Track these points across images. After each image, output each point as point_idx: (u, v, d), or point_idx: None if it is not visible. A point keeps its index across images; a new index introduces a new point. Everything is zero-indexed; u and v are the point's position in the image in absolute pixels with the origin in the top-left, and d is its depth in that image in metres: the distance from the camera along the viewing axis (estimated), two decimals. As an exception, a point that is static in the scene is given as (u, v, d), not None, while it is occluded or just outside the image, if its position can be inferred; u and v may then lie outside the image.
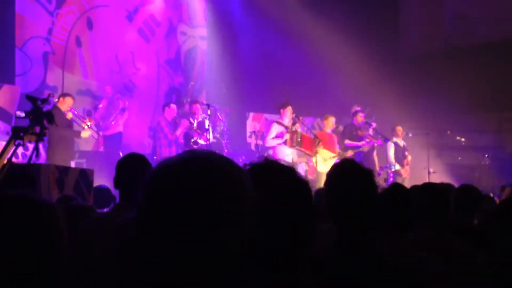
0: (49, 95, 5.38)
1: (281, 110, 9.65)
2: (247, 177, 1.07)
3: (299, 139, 9.40)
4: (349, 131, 10.88)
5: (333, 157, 10.11)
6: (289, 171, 1.55)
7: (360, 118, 10.87)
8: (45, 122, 4.96)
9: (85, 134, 8.89)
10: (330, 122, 10.59)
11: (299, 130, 9.62)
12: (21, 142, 4.80)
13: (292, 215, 1.45)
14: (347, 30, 12.17)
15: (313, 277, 1.60)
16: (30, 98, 5.10)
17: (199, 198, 0.98)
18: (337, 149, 10.49)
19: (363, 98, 11.93)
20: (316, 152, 9.74)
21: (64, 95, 8.82)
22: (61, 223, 1.36)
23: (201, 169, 1.02)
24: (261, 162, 1.54)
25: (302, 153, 9.98)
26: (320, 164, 9.83)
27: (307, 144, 9.57)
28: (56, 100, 8.58)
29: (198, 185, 0.99)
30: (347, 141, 10.73)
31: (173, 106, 9.95)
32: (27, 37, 10.17)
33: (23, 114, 5.07)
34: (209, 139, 9.95)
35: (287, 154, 9.48)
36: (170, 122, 9.80)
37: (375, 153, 11.05)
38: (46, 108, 5.22)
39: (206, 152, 1.07)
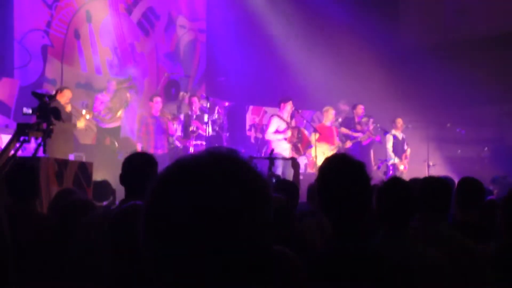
0: (56, 92, 5.39)
1: (282, 104, 9.57)
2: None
3: (300, 136, 9.45)
4: (347, 124, 10.87)
5: (332, 149, 10.10)
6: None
7: (359, 110, 10.85)
8: (52, 118, 4.98)
9: (81, 124, 8.85)
10: (330, 115, 10.53)
11: (301, 128, 9.70)
12: (26, 138, 4.81)
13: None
14: (348, 23, 12.14)
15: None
16: (37, 94, 5.12)
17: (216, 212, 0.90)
18: (337, 142, 10.48)
19: (363, 91, 11.91)
20: (305, 153, 9.83)
21: (62, 88, 8.79)
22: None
23: (220, 177, 0.93)
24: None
25: (294, 149, 9.93)
26: (320, 158, 9.81)
27: (304, 143, 9.61)
28: (54, 93, 8.56)
29: (216, 196, 0.91)
30: (343, 129, 10.73)
31: (156, 99, 9.83)
32: (25, 30, 10.13)
33: (30, 111, 5.08)
34: (209, 132, 9.93)
35: (285, 149, 9.44)
36: (155, 117, 9.74)
37: (372, 149, 11.09)
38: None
39: (226, 155, 0.97)
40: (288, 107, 9.54)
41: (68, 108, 8.63)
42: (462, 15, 12.83)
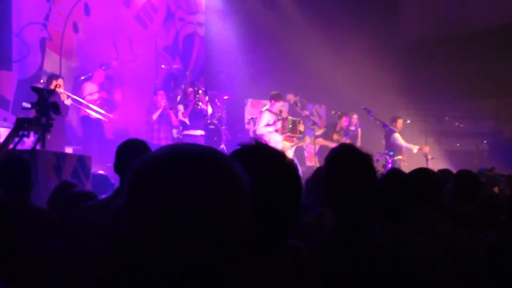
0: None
1: (272, 101, 9.76)
2: (233, 165, 1.02)
3: (290, 126, 9.57)
4: (326, 131, 10.90)
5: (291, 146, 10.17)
6: (279, 155, 1.51)
7: (344, 123, 10.91)
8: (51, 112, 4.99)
9: (68, 102, 8.81)
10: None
11: (289, 117, 9.76)
12: (25, 132, 4.81)
13: (278, 202, 1.41)
14: (347, 16, 12.12)
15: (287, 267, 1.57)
16: (36, 89, 5.12)
17: (185, 190, 0.94)
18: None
19: (362, 84, 11.91)
20: (304, 134, 9.96)
21: (55, 77, 8.73)
22: None
23: (185, 160, 0.98)
24: (249, 145, 1.50)
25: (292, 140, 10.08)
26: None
27: (295, 130, 9.73)
28: (42, 81, 8.57)
29: (183, 176, 0.95)
30: (320, 140, 10.77)
31: (159, 92, 10.10)
32: (24, 23, 10.10)
33: (29, 105, 5.08)
34: (208, 124, 9.99)
35: (277, 142, 9.60)
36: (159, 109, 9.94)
37: (358, 140, 11.14)
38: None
39: (189, 144, 1.04)
40: (278, 105, 9.74)
41: (64, 97, 8.53)
42: (461, 8, 12.81)
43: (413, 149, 10.73)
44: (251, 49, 12.70)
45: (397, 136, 10.82)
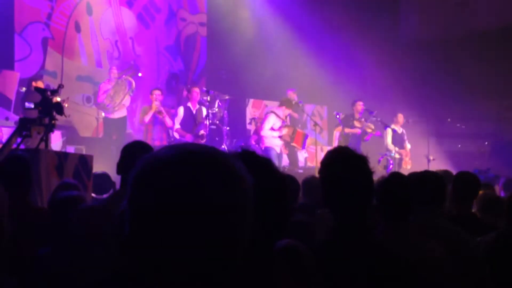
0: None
1: (283, 107, 9.83)
2: (237, 165, 1.01)
3: (293, 135, 9.72)
4: (346, 120, 10.88)
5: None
6: (265, 163, 1.51)
7: (359, 106, 10.83)
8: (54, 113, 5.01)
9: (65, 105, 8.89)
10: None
11: (296, 127, 9.89)
12: (28, 133, 4.82)
13: (265, 209, 1.41)
14: (348, 18, 12.12)
15: (286, 268, 1.57)
16: (39, 89, 5.13)
17: (188, 191, 0.93)
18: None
19: (364, 85, 11.92)
20: (304, 146, 10.16)
21: (34, 79, 8.78)
22: None
23: (189, 160, 0.97)
24: (235, 153, 1.50)
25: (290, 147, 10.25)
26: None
27: (298, 139, 9.86)
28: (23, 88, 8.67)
29: (186, 176, 0.94)
30: (346, 129, 10.76)
31: (155, 92, 9.90)
32: (26, 22, 10.12)
33: (32, 106, 5.09)
34: (208, 125, 9.96)
35: (276, 145, 9.81)
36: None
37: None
38: None
39: (193, 144, 1.02)
40: (287, 112, 9.88)
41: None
42: (462, 9, 12.81)
43: (391, 152, 10.76)
44: (253, 50, 12.70)
45: (388, 132, 10.85)
